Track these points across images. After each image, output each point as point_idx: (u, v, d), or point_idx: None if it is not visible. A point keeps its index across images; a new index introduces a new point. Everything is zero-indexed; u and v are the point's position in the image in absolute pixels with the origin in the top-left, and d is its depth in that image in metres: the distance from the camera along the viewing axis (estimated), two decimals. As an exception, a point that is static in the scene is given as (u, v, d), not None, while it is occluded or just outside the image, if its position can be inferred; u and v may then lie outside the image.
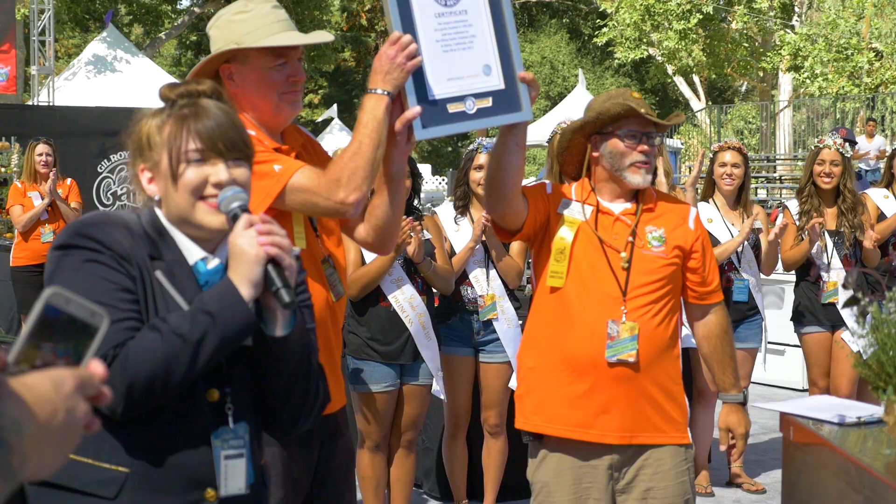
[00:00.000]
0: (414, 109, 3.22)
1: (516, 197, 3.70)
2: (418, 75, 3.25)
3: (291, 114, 3.32)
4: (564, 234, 3.82)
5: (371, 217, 3.45)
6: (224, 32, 3.28)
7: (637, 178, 3.83)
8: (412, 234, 5.35)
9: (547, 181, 4.04)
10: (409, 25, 3.26)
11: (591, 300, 3.76)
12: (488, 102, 3.40)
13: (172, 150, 2.38)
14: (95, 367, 1.51)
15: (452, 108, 3.33)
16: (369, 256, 5.39)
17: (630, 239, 3.82)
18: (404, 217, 5.45)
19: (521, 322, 5.93)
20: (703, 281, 3.93)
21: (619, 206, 3.88)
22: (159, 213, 2.44)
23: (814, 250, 6.70)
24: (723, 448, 4.02)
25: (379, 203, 3.43)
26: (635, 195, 3.91)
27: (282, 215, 3.11)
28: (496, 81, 3.42)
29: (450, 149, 44.29)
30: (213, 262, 2.43)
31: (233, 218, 2.40)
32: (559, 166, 4.16)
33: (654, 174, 4.06)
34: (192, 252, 2.41)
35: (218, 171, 2.38)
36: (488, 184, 3.71)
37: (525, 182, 3.94)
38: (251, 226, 2.36)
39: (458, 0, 3.37)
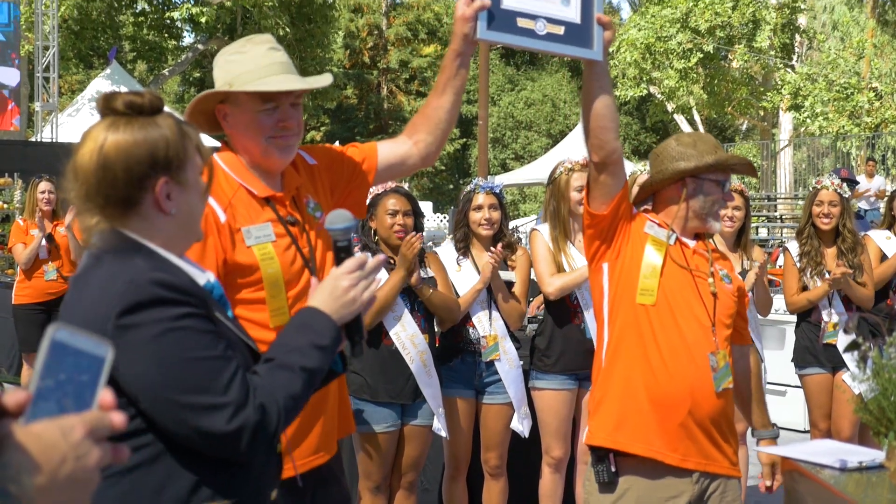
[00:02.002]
0: (484, 0, 3.21)
1: (615, 140, 3.71)
2: None
3: (282, 160, 3.27)
4: (652, 253, 3.88)
5: (431, 120, 3.49)
6: (221, 72, 3.27)
7: (718, 225, 4.04)
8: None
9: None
10: None
11: (687, 325, 3.83)
12: (560, 30, 3.38)
13: (203, 156, 2.34)
14: (105, 398, 1.52)
15: (522, 23, 3.32)
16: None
17: (711, 270, 3.94)
18: (413, 233, 5.47)
19: (521, 363, 5.92)
20: (744, 323, 4.13)
21: (692, 242, 3.99)
22: (147, 242, 2.27)
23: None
24: (768, 483, 4.06)
25: (441, 104, 3.47)
26: (696, 235, 4.04)
27: (258, 289, 3.13)
28: (573, 14, 3.40)
29: (451, 186, 44.38)
30: (211, 278, 2.43)
31: (343, 248, 2.50)
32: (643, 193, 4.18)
33: None
34: (194, 273, 2.36)
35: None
36: (590, 131, 3.70)
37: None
38: (360, 267, 2.44)
39: None
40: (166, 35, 32.59)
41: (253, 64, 3.21)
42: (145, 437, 2.18)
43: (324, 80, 3.34)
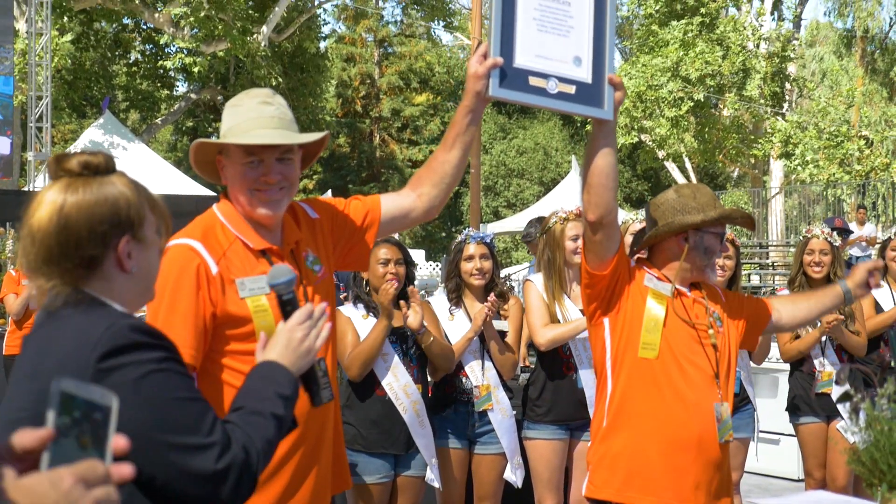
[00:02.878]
0: (496, 58, 3.24)
1: (612, 201, 3.72)
2: (506, 38, 3.28)
3: (266, 213, 3.25)
4: (654, 307, 3.92)
5: (437, 173, 3.49)
6: (222, 123, 3.31)
7: (715, 276, 4.12)
8: (412, 300, 5.40)
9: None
10: None
11: (692, 377, 3.87)
12: (571, 90, 3.41)
13: (164, 218, 2.34)
14: (118, 443, 1.56)
15: (534, 82, 3.35)
16: (365, 334, 5.40)
17: (710, 319, 3.99)
18: (410, 287, 5.48)
19: (514, 412, 5.91)
20: (754, 313, 4.25)
21: (688, 291, 4.06)
22: (107, 300, 2.24)
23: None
24: None
25: (449, 159, 3.48)
26: (691, 283, 4.11)
27: (250, 341, 3.12)
28: (584, 74, 3.44)
29: (444, 234, 44.44)
30: None
31: (288, 301, 2.55)
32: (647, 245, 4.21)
33: None
34: None
35: None
36: (585, 190, 3.73)
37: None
38: (309, 317, 2.49)
39: None
40: (159, 84, 32.75)
41: (244, 117, 3.23)
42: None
43: (307, 137, 3.31)
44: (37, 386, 2.10)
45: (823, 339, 6.74)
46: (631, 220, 6.79)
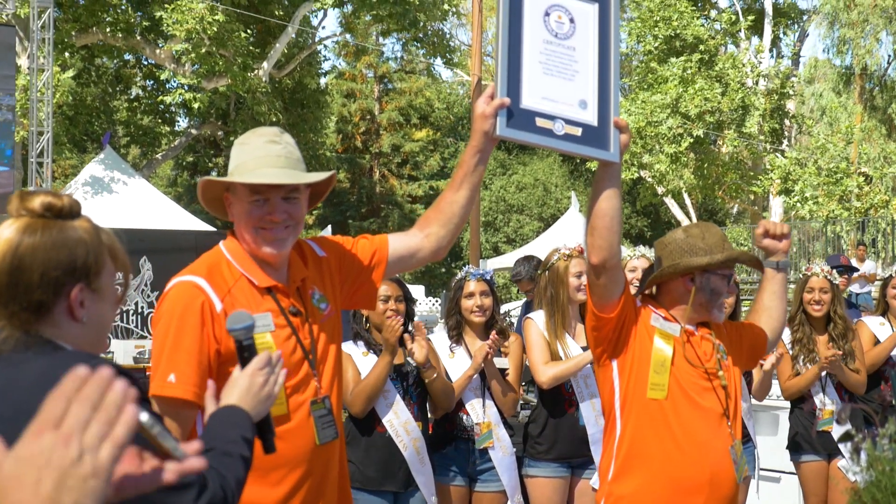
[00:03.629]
0: (504, 98, 3.25)
1: (616, 244, 3.72)
2: (513, 80, 3.31)
3: (271, 251, 3.25)
4: (662, 347, 3.91)
5: (445, 214, 3.49)
6: (230, 160, 3.32)
7: (721, 315, 4.08)
8: (418, 335, 5.40)
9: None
10: (515, 39, 3.33)
11: (703, 417, 3.88)
12: (578, 132, 3.43)
13: (125, 268, 2.26)
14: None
15: (541, 123, 3.37)
16: (365, 370, 5.39)
17: (718, 356, 3.98)
18: (416, 322, 5.48)
19: (514, 450, 5.89)
20: (751, 336, 4.24)
21: (694, 328, 4.05)
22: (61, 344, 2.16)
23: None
24: None
25: (457, 199, 3.48)
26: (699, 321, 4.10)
27: None
28: (590, 117, 3.46)
29: (443, 270, 44.41)
30: None
31: (247, 347, 2.57)
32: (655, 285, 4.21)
33: None
34: None
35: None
36: (588, 233, 3.73)
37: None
38: (268, 363, 2.52)
39: (569, 36, 3.46)
40: (160, 120, 32.83)
41: (251, 155, 3.24)
42: None
43: (313, 177, 3.30)
44: None
45: (823, 376, 6.73)
46: (629, 256, 6.79)
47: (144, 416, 1.76)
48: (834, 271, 6.90)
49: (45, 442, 1.37)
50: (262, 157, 3.23)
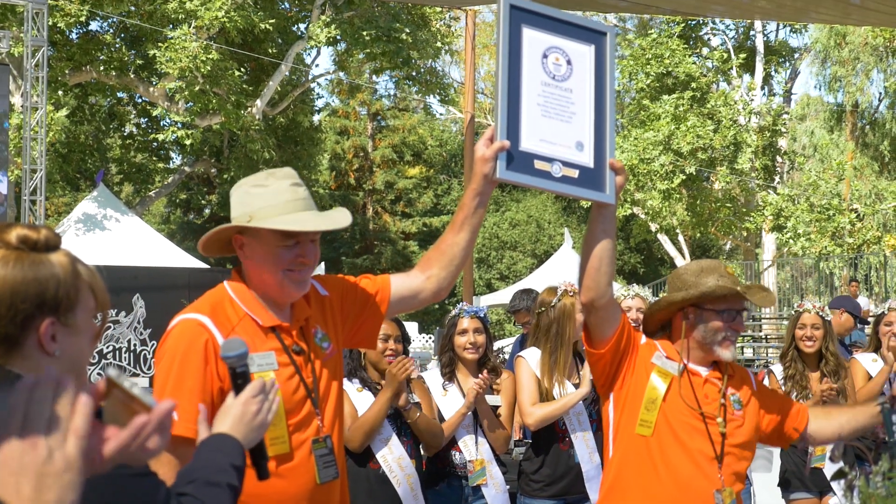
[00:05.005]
0: (504, 141, 3.28)
1: (606, 286, 3.73)
2: (512, 122, 3.33)
3: (297, 292, 3.30)
4: (657, 384, 3.90)
5: (446, 255, 3.51)
6: (240, 203, 3.29)
7: (727, 354, 3.97)
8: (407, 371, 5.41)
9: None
10: (515, 82, 3.36)
11: (690, 458, 3.83)
12: (574, 174, 3.46)
13: (100, 301, 2.21)
14: None
15: (539, 165, 3.39)
16: (362, 408, 5.38)
17: (722, 402, 3.93)
18: (403, 356, 5.48)
19: (507, 486, 5.88)
20: (787, 415, 4.10)
21: (705, 370, 4.00)
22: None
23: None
24: None
25: (458, 241, 3.49)
26: (713, 362, 4.03)
27: None
28: (587, 159, 3.50)
29: (437, 306, 44.36)
30: None
31: (241, 374, 2.59)
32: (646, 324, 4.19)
33: None
34: None
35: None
36: (584, 272, 3.74)
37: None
38: (262, 391, 2.53)
39: (566, 78, 3.49)
40: (155, 158, 32.88)
41: (275, 199, 3.24)
42: None
43: (345, 219, 3.36)
44: None
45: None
46: (623, 296, 6.82)
47: (113, 372, 1.83)
48: (826, 308, 6.91)
49: (14, 450, 1.40)
50: (292, 200, 3.26)
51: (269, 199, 3.25)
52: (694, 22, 32.84)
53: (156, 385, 3.17)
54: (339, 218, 3.37)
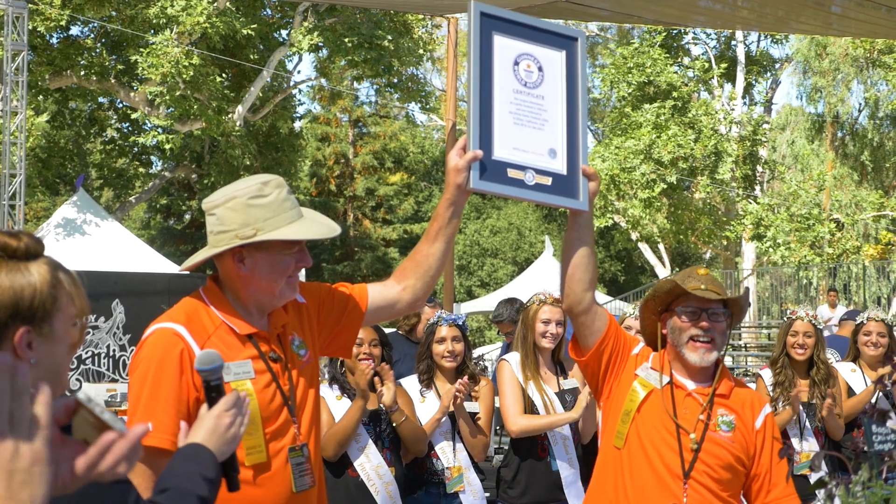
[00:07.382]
0: (476, 151, 3.27)
1: (589, 293, 3.71)
2: (485, 131, 3.32)
3: (290, 297, 3.31)
4: (635, 396, 3.83)
5: (421, 266, 3.51)
6: (239, 215, 3.21)
7: (694, 356, 3.82)
8: (386, 378, 5.40)
9: (641, 342, 4.05)
10: (486, 90, 3.36)
11: (656, 472, 3.76)
12: (548, 181, 3.45)
13: (80, 308, 2.16)
14: None
15: (512, 174, 3.38)
16: (340, 416, 5.36)
17: (701, 417, 3.81)
18: (382, 364, 5.47)
19: (486, 494, 5.87)
20: (761, 488, 3.91)
21: (693, 384, 3.89)
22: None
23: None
24: None
25: (433, 251, 3.49)
26: (711, 377, 3.91)
27: None
28: (559, 166, 3.49)
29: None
30: None
31: (215, 388, 2.56)
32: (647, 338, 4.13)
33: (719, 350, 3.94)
34: None
35: None
36: (562, 280, 3.73)
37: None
38: (236, 404, 2.52)
39: (538, 85, 3.48)
40: (136, 163, 32.78)
41: (278, 208, 3.23)
42: None
43: (336, 226, 3.39)
44: None
45: (803, 420, 6.72)
46: (628, 314, 6.89)
47: (82, 395, 1.82)
48: (818, 316, 6.92)
49: None
50: (292, 208, 3.26)
51: (273, 210, 3.22)
52: (675, 31, 32.94)
53: (130, 395, 3.14)
54: (333, 224, 3.39)
